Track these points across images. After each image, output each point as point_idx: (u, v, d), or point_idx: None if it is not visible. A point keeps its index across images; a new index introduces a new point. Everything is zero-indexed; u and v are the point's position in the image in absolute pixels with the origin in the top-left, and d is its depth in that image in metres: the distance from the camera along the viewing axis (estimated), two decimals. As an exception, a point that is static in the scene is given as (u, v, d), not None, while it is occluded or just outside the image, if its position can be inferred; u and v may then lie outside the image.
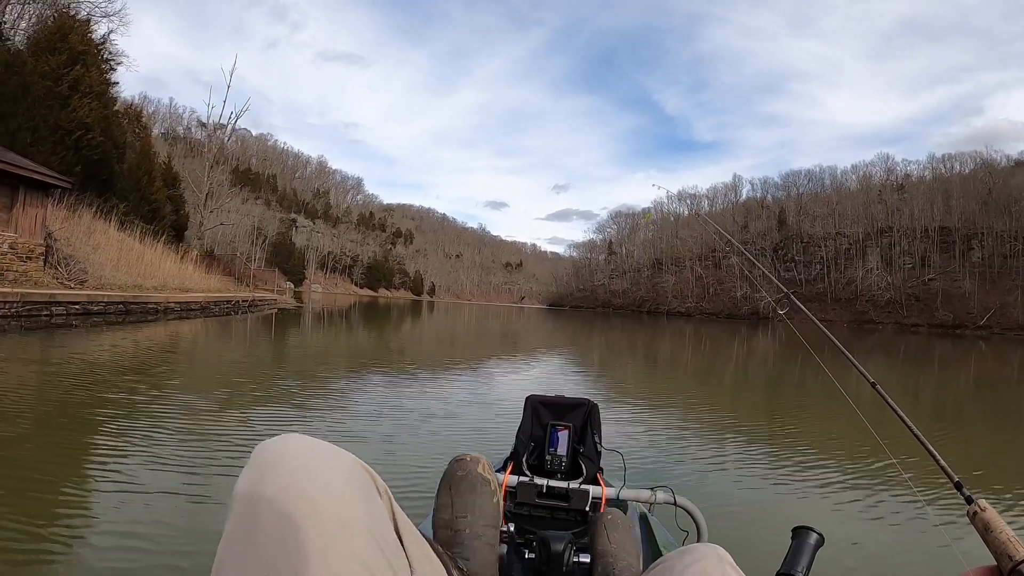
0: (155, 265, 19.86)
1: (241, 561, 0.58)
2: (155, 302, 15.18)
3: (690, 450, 5.28)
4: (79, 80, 20.86)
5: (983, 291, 76.20)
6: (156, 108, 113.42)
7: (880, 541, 3.32)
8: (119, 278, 15.95)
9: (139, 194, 26.77)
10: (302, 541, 0.58)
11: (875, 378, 1.36)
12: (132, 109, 37.92)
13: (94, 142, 21.45)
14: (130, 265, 17.88)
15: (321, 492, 0.61)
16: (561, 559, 1.26)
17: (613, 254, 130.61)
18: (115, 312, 13.39)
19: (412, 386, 8.07)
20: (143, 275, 18.01)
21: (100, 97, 23.15)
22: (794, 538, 1.12)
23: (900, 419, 1.19)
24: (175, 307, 16.28)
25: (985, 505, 0.83)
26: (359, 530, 0.62)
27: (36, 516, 2.83)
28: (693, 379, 12.35)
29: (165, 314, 15.39)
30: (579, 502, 1.72)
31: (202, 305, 18.19)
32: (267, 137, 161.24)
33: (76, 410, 5.08)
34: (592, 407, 2.00)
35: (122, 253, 18.05)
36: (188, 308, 17.15)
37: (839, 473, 4.69)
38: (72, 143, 20.52)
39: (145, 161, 28.62)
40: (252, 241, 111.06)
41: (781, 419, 7.74)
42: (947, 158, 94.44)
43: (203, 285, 23.31)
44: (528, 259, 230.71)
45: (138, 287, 16.21)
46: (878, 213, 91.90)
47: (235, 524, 0.60)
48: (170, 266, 21.29)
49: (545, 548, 1.28)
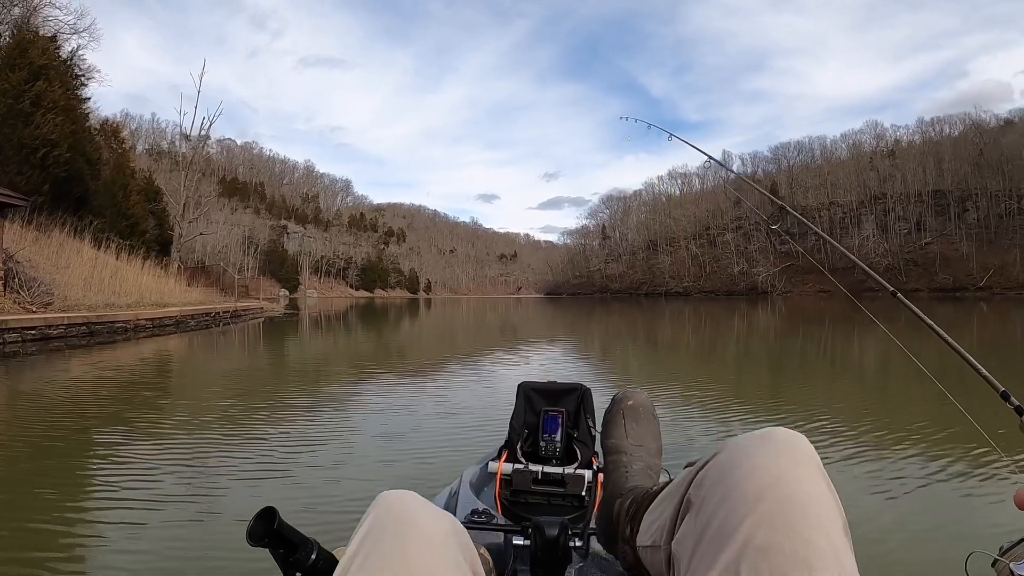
0: (132, 281, 19.09)
1: (365, 565, 0.69)
2: (122, 320, 14.32)
3: (689, 430, 5.23)
4: (41, 96, 20.07)
5: (981, 252, 76.09)
6: (139, 124, 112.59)
7: (894, 514, 3.23)
8: (89, 297, 15.17)
9: (115, 209, 26.01)
10: (412, 548, 0.71)
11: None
12: (109, 125, 37.16)
13: (61, 159, 20.62)
14: (103, 283, 17.08)
15: (430, 523, 0.76)
16: (556, 544, 1.21)
17: (607, 238, 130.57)
18: (77, 335, 12.57)
19: (412, 392, 7.57)
20: (118, 292, 17.24)
21: (69, 113, 22.44)
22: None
23: (934, 331, 1.14)
24: (146, 324, 15.43)
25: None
26: (452, 554, 0.75)
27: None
28: (692, 359, 12.12)
29: (135, 332, 14.54)
30: (575, 487, 1.71)
31: (177, 319, 17.31)
32: (252, 146, 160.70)
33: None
34: (585, 391, 1.98)
35: (95, 271, 17.29)
36: (161, 324, 16.27)
37: (850, 441, 4.61)
38: (38, 161, 19.72)
39: (121, 176, 27.88)
40: (244, 251, 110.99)
41: (784, 393, 7.58)
42: (936, 121, 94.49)
43: (184, 299, 22.44)
44: (522, 249, 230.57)
45: (109, 305, 15.40)
46: (871, 180, 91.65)
47: (362, 539, 0.73)
48: (148, 281, 20.52)
49: (540, 534, 1.22)
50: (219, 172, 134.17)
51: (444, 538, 0.76)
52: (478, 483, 1.93)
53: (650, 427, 1.29)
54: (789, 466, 0.69)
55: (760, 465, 0.70)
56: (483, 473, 1.97)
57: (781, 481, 0.68)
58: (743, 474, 0.70)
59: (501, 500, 1.78)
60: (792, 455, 0.71)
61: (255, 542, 0.83)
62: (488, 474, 1.91)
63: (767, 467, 0.69)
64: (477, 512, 1.45)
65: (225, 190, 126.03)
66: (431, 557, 0.72)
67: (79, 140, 23.61)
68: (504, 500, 1.77)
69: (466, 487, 1.83)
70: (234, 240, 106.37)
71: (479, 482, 1.93)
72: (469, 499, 1.72)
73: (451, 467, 3.66)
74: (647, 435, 1.27)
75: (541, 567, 1.24)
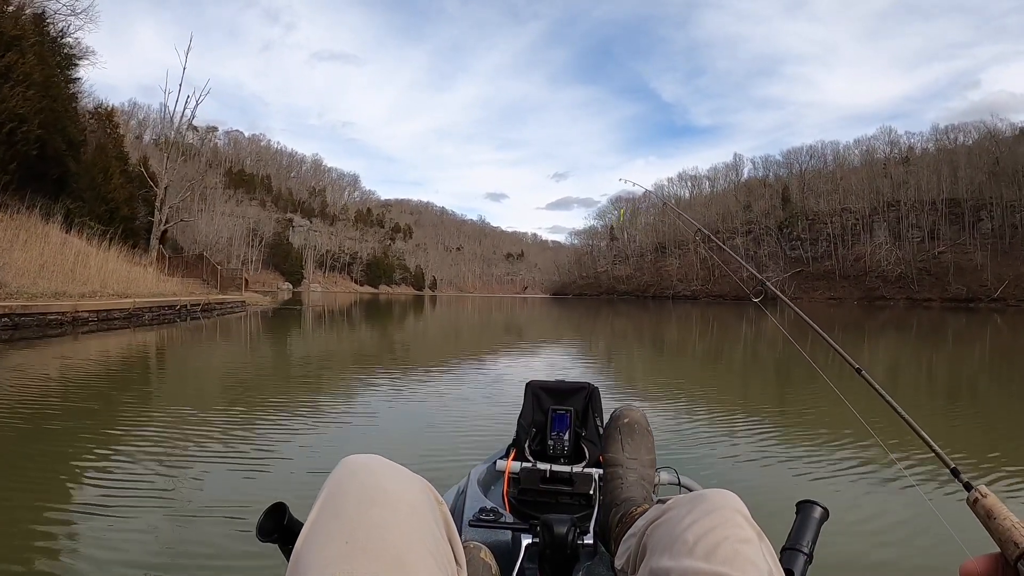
0: (100, 269, 17.59)
1: (326, 531, 0.70)
2: (57, 312, 12.40)
3: (695, 431, 5.22)
4: (11, 68, 18.78)
5: (995, 262, 74.50)
6: (147, 114, 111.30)
7: (886, 529, 3.11)
8: (40, 286, 13.64)
9: (95, 193, 24.78)
10: (378, 517, 0.72)
11: (862, 364, 1.36)
12: (103, 109, 36.28)
13: (31, 135, 19.32)
14: (65, 270, 15.64)
15: (395, 486, 0.78)
16: (565, 542, 1.22)
17: (615, 240, 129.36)
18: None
19: (419, 390, 7.20)
20: (77, 281, 15.67)
21: (48, 90, 21.31)
22: (799, 512, 1.14)
23: (890, 406, 1.15)
24: (88, 317, 13.42)
25: (986, 491, 0.80)
26: (424, 518, 0.77)
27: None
28: (698, 362, 11.96)
29: (73, 326, 12.65)
30: (582, 486, 1.66)
31: (130, 312, 15.23)
32: (260, 138, 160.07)
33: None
34: (593, 390, 1.88)
35: (61, 257, 16.03)
36: (108, 318, 14.22)
37: (848, 455, 4.44)
38: (3, 136, 18.44)
39: (102, 158, 26.65)
40: (248, 243, 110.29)
41: (787, 401, 7.45)
42: (951, 129, 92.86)
43: (154, 289, 20.37)
44: (530, 249, 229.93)
45: (57, 295, 13.68)
46: (884, 187, 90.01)
47: (323, 505, 0.74)
48: (116, 269, 18.91)
49: (548, 532, 1.23)
50: (225, 163, 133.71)
51: (411, 504, 0.77)
52: (486, 481, 1.84)
53: (644, 441, 1.51)
54: (719, 520, 0.85)
55: (697, 519, 0.87)
56: (491, 471, 1.89)
57: (712, 532, 0.84)
58: (683, 528, 0.87)
59: (509, 498, 1.70)
60: (721, 512, 0.87)
61: (265, 537, 0.86)
62: (496, 472, 1.84)
63: (702, 521, 0.86)
64: (485, 510, 1.45)
65: (231, 181, 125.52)
66: (397, 524, 0.72)
67: (59, 118, 22.45)
68: (512, 498, 1.70)
69: (474, 485, 1.73)
70: (238, 232, 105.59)
71: (487, 480, 1.85)
72: (477, 497, 1.63)
73: (459, 466, 3.60)
74: (641, 448, 1.49)
75: (549, 565, 1.25)
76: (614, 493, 1.37)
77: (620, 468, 1.42)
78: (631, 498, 1.33)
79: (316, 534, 0.70)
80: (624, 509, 1.29)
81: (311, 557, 0.67)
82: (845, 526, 3.04)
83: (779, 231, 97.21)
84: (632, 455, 1.45)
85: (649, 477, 1.42)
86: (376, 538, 0.68)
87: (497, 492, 1.79)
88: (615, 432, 1.51)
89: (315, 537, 0.69)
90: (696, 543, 0.82)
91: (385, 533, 0.69)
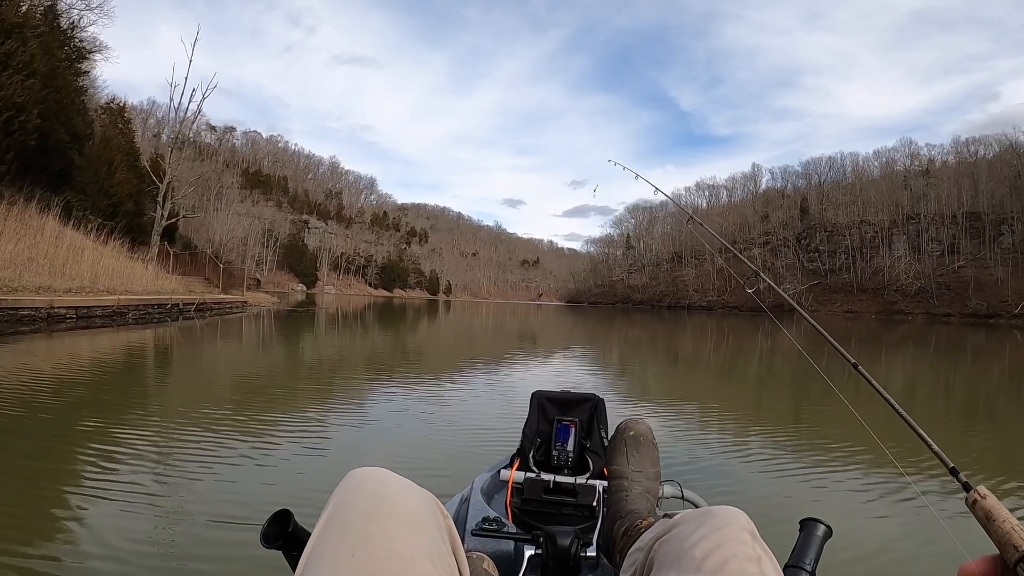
0: (93, 264, 17.02)
1: (332, 543, 0.72)
2: (29, 307, 11.64)
3: (700, 444, 5.18)
4: (10, 55, 18.38)
5: (1016, 278, 72.84)
6: (164, 113, 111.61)
7: (886, 534, 3.15)
8: (24, 279, 13.15)
9: (97, 187, 24.41)
10: (383, 530, 0.73)
11: (857, 359, 1.30)
12: (114, 104, 36.18)
13: (29, 126, 18.87)
14: (56, 265, 15.13)
15: (401, 500, 0.79)
16: (568, 554, 1.22)
17: (631, 248, 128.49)
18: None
19: (426, 397, 7.05)
20: (68, 275, 15.13)
21: (52, 81, 20.95)
22: (802, 530, 1.14)
23: (889, 404, 1.10)
24: (66, 314, 12.71)
25: (985, 492, 0.78)
26: (429, 532, 0.78)
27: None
28: (710, 375, 11.67)
29: (48, 324, 11.95)
30: (586, 497, 1.65)
31: (113, 310, 14.48)
32: (278, 139, 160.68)
33: None
34: (598, 402, 1.94)
35: (53, 251, 15.56)
36: (89, 315, 13.45)
37: (856, 469, 4.42)
38: (0, 125, 18.09)
39: (105, 152, 26.30)
40: (264, 243, 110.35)
41: (799, 417, 7.29)
42: (971, 142, 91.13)
43: (149, 287, 19.59)
44: (545, 256, 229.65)
45: (41, 289, 13.06)
46: (903, 200, 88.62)
47: (330, 517, 0.76)
48: (111, 264, 18.35)
49: (551, 543, 1.23)
50: (242, 164, 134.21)
51: (417, 517, 0.78)
52: (489, 490, 1.81)
53: (649, 454, 1.49)
54: (726, 537, 0.86)
55: (705, 536, 0.87)
56: (495, 481, 1.85)
57: (719, 549, 0.84)
58: (691, 544, 0.87)
59: (512, 508, 1.70)
60: (728, 529, 0.87)
61: (269, 544, 0.86)
62: (500, 482, 1.81)
63: (710, 538, 0.86)
64: (488, 520, 1.44)
65: (248, 182, 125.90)
66: (402, 538, 0.73)
67: (63, 110, 22.13)
68: (515, 508, 1.70)
69: (477, 494, 1.70)
70: (254, 232, 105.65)
71: (490, 489, 1.82)
72: (480, 506, 1.62)
73: (462, 474, 3.41)
74: (646, 461, 1.47)
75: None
76: (618, 505, 1.37)
77: (625, 480, 1.41)
78: (636, 511, 1.33)
79: (322, 546, 0.71)
80: (629, 521, 1.29)
81: (317, 570, 0.69)
82: (850, 543, 2.97)
83: (797, 242, 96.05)
84: (637, 468, 1.45)
85: (653, 490, 1.43)
86: (381, 551, 0.70)
87: (500, 501, 1.77)
88: (620, 444, 1.50)
89: (321, 549, 0.71)
90: (704, 560, 0.83)
91: (390, 546, 0.71)
